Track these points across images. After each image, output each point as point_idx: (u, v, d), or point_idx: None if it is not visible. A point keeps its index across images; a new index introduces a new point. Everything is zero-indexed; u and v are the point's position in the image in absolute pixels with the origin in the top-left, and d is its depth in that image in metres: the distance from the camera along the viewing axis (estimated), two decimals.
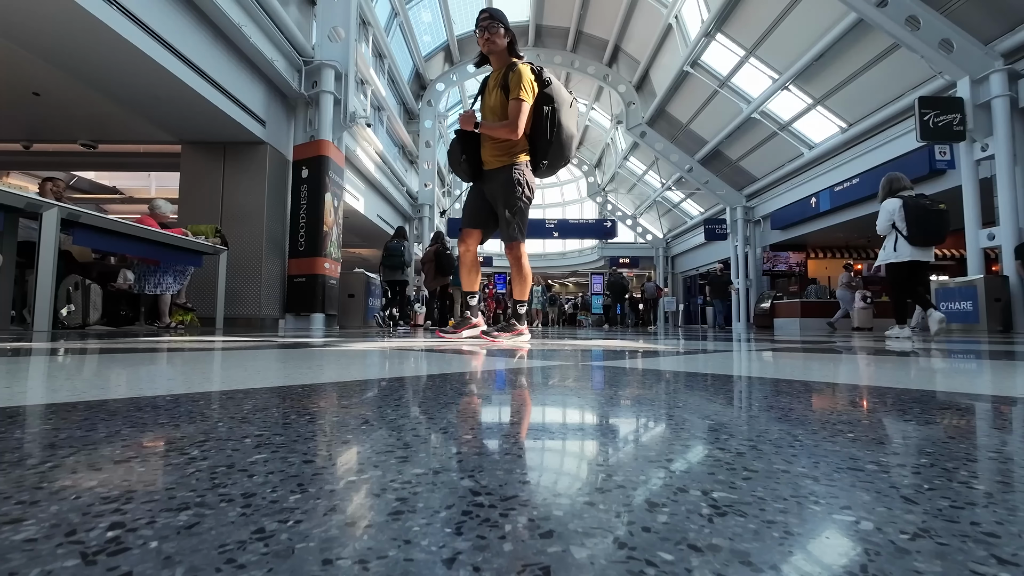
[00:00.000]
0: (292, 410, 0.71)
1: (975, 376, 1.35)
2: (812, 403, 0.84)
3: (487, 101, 3.13)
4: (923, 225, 4.67)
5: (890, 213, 4.83)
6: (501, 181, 3.01)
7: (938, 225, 4.67)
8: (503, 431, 0.62)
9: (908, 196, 4.78)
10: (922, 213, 4.68)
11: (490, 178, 3.10)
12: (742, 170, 15.14)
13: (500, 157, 3.05)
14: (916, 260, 4.76)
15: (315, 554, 0.27)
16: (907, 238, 4.71)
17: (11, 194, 3.60)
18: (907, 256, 4.76)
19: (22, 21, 4.81)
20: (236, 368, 1.29)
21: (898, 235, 4.79)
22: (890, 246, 4.90)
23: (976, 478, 0.43)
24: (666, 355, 2.05)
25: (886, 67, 9.54)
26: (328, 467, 0.44)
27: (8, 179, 11.59)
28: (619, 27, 14.87)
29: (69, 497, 0.35)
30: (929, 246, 4.76)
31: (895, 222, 4.79)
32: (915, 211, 4.68)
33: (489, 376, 1.23)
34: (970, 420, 0.72)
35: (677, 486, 0.39)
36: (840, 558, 0.28)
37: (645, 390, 1.00)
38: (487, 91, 3.15)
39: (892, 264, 4.92)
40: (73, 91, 6.65)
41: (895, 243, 4.84)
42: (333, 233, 8.36)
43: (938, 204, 4.73)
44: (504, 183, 3.00)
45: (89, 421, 0.61)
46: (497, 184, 3.03)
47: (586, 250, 28.03)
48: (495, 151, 3.08)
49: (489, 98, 3.11)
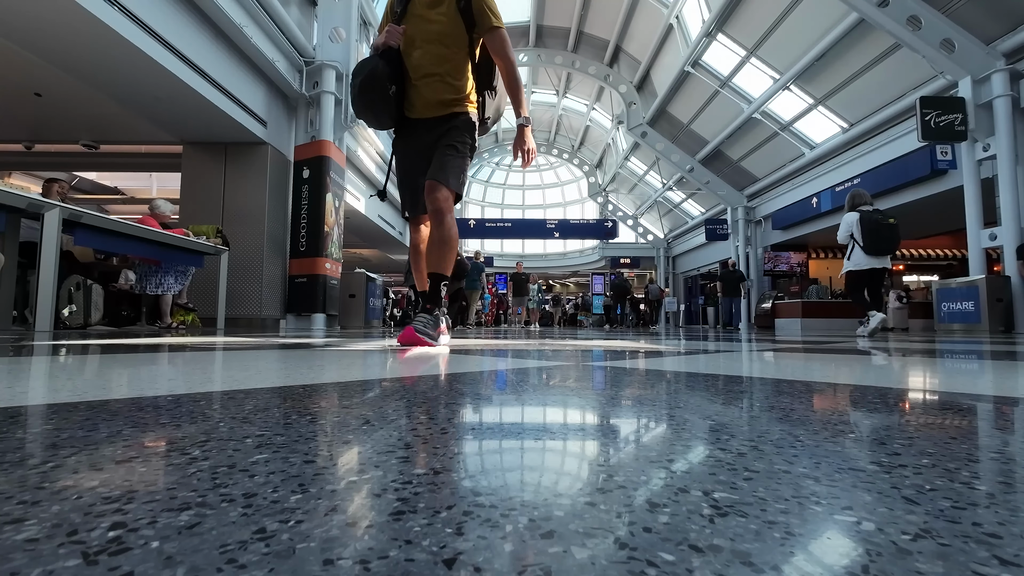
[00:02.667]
0: (293, 410, 0.71)
1: (977, 376, 1.35)
2: (832, 404, 0.84)
3: (418, 25, 2.26)
4: (875, 237, 5.24)
5: (849, 225, 5.40)
6: (445, 130, 2.29)
7: (888, 237, 5.27)
8: (504, 431, 0.62)
9: (865, 211, 5.35)
10: (875, 227, 5.25)
11: (426, 130, 2.32)
12: (743, 170, 15.13)
13: (449, 102, 2.31)
14: (872, 267, 5.32)
15: (316, 554, 0.27)
16: (863, 248, 5.29)
17: (13, 194, 3.61)
18: (864, 264, 5.34)
19: (24, 22, 4.82)
20: (237, 368, 1.30)
21: (855, 245, 5.38)
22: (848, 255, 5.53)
23: (978, 479, 0.43)
24: (673, 356, 2.05)
25: (887, 67, 9.53)
26: (329, 467, 0.44)
27: (10, 179, 11.62)
28: (620, 27, 14.86)
29: (71, 497, 0.35)
30: (882, 255, 5.31)
31: (853, 233, 5.36)
32: (869, 224, 5.26)
33: (491, 377, 1.23)
34: (972, 420, 0.72)
35: (678, 486, 0.39)
36: (842, 559, 0.28)
37: (650, 390, 1.00)
38: (413, 8, 2.29)
39: (851, 272, 5.51)
40: (74, 92, 6.66)
41: (851, 252, 5.46)
42: (334, 233, 8.37)
43: (889, 219, 5.32)
44: (452, 129, 2.29)
45: (91, 421, 0.61)
46: (438, 134, 2.31)
47: (587, 250, 28.03)
48: (444, 93, 2.30)
49: (422, 20, 2.26)
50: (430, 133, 2.31)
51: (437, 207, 2.23)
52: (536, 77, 20.89)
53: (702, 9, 12.22)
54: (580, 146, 25.86)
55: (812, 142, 12.47)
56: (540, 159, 30.50)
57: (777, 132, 12.82)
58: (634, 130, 15.91)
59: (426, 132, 2.33)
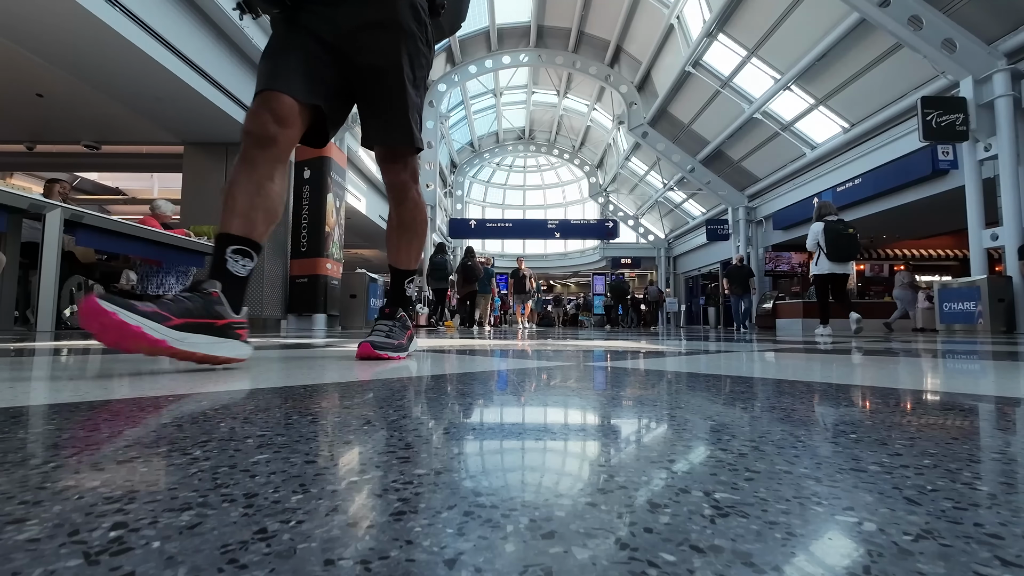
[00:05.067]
0: (294, 410, 0.71)
1: (978, 376, 1.34)
2: (832, 405, 0.84)
3: None
4: (837, 245, 5.77)
5: (815, 234, 5.93)
6: (385, 14, 1.45)
7: (848, 246, 5.80)
8: (504, 431, 0.62)
9: (830, 221, 5.87)
10: (836, 236, 5.76)
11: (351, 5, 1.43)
12: (744, 170, 15.13)
13: None
14: (834, 272, 5.86)
15: (317, 554, 0.27)
16: (826, 255, 5.82)
17: (15, 195, 3.62)
18: (827, 269, 5.87)
19: (25, 23, 4.83)
20: (238, 368, 1.30)
21: (821, 252, 5.89)
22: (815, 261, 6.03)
23: (980, 479, 0.43)
24: (673, 357, 2.05)
25: (888, 67, 9.52)
26: (330, 467, 0.44)
27: (12, 180, 11.64)
28: (621, 27, 14.87)
29: (72, 497, 0.35)
30: (843, 261, 5.84)
31: (819, 241, 5.87)
32: (832, 234, 5.77)
33: (491, 377, 1.23)
34: (974, 421, 0.72)
35: (679, 487, 0.39)
36: (843, 559, 0.28)
37: (650, 390, 1.00)
38: None
39: (817, 275, 6.07)
40: (76, 92, 6.68)
41: (818, 259, 5.96)
42: (335, 234, 8.38)
43: (849, 228, 5.84)
44: (394, 16, 1.45)
45: (92, 421, 0.61)
46: (372, 17, 1.44)
47: (588, 250, 28.02)
48: None
49: None
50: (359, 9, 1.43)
51: (400, 180, 1.61)
52: (537, 77, 20.90)
53: (703, 9, 12.22)
54: (581, 146, 25.86)
55: (813, 142, 12.46)
56: (541, 159, 30.55)
57: (778, 132, 12.81)
58: (635, 130, 15.91)
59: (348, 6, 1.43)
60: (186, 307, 1.13)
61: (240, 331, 1.26)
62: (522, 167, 31.69)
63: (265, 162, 1.32)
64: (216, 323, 1.18)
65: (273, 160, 1.33)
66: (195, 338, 1.13)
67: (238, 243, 1.27)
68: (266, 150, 1.32)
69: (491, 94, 22.21)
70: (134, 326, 1.01)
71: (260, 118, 1.32)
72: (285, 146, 1.35)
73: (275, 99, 1.32)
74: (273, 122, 1.32)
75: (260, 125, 1.31)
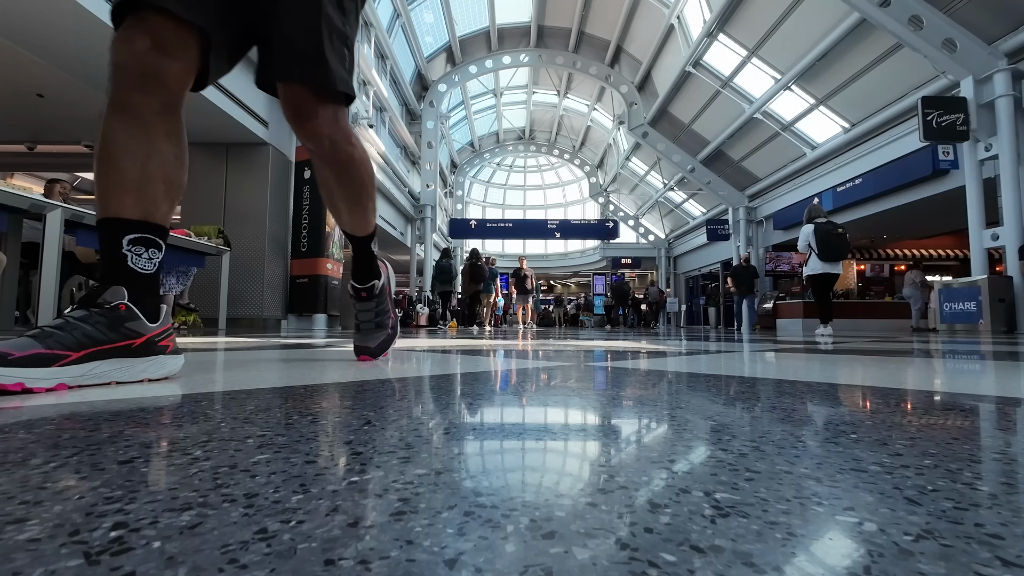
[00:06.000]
0: (294, 410, 0.71)
1: (980, 377, 1.34)
2: (833, 405, 0.84)
3: None
4: (828, 244, 5.94)
5: (806, 236, 6.11)
6: None
7: (838, 246, 5.97)
8: (505, 431, 0.62)
9: (820, 223, 6.06)
10: (827, 237, 5.93)
11: None
12: (744, 170, 15.13)
13: None
14: (827, 272, 6.06)
15: (317, 554, 0.27)
16: (818, 255, 6.01)
17: (15, 195, 3.62)
18: (819, 269, 6.07)
19: (25, 23, 4.84)
20: (238, 368, 1.30)
21: (812, 253, 6.08)
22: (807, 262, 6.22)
23: (980, 479, 0.42)
24: (674, 357, 2.05)
25: (889, 67, 9.52)
26: (330, 467, 0.44)
27: (12, 180, 11.65)
28: (621, 28, 14.88)
29: (72, 497, 0.35)
30: (834, 261, 6.02)
31: (810, 243, 6.05)
32: (822, 235, 5.94)
33: (492, 377, 1.23)
34: (974, 421, 0.72)
35: (679, 487, 0.39)
36: (843, 559, 0.27)
37: (651, 390, 1.00)
38: None
39: (810, 276, 6.23)
40: (76, 92, 6.67)
41: (809, 260, 6.15)
42: (335, 234, 8.38)
43: (838, 229, 6.01)
44: None
45: (92, 421, 0.62)
46: None
47: (588, 251, 28.02)
48: None
49: None
50: None
51: (333, 135, 1.20)
52: (537, 77, 20.90)
53: (703, 9, 12.22)
54: (581, 146, 25.86)
55: (813, 142, 12.46)
56: (541, 159, 30.54)
57: (778, 132, 12.81)
58: (635, 130, 15.92)
59: None
60: (85, 333, 0.88)
61: (164, 342, 1.01)
62: (522, 167, 31.70)
63: (153, 112, 0.96)
64: (133, 344, 0.94)
65: (164, 109, 0.98)
66: (105, 366, 0.90)
67: (136, 230, 0.96)
68: (152, 95, 0.95)
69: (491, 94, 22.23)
70: (11, 385, 0.78)
71: (135, 44, 0.91)
72: (177, 87, 0.98)
73: (150, 19, 0.91)
74: (154, 50, 0.92)
75: (137, 56, 0.92)
